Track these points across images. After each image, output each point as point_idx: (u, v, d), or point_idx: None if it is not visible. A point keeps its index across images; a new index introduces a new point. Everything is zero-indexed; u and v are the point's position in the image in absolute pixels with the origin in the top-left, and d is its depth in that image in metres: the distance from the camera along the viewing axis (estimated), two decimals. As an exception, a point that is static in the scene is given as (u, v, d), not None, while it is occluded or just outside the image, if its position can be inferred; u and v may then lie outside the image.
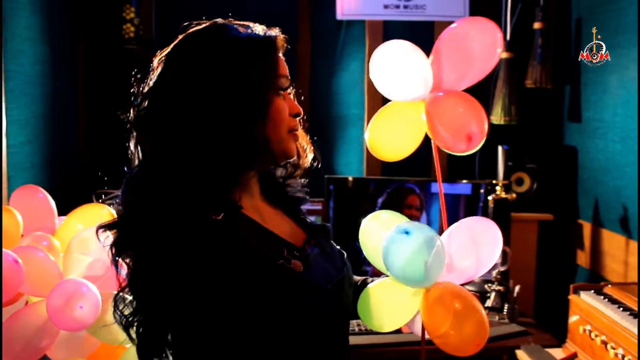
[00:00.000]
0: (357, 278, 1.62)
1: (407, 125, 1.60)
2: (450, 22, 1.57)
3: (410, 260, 1.35)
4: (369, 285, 1.51)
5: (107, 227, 1.33)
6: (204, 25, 1.37)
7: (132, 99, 1.37)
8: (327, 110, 3.66)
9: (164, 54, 1.36)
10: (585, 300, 2.54)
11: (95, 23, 3.41)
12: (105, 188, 3.05)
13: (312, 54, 3.65)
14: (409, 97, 1.56)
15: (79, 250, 1.84)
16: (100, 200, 2.90)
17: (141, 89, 1.36)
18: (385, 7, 3.50)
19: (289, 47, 1.43)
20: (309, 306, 1.30)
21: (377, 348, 2.66)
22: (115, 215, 2.02)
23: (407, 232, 1.35)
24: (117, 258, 1.31)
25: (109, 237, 1.32)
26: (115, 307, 1.35)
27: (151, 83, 1.34)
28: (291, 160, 1.45)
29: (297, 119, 1.42)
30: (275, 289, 1.25)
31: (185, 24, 1.38)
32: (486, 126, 1.51)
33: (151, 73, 1.36)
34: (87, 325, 1.74)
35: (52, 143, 3.08)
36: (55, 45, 3.10)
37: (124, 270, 1.34)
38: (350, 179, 3.33)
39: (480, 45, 1.50)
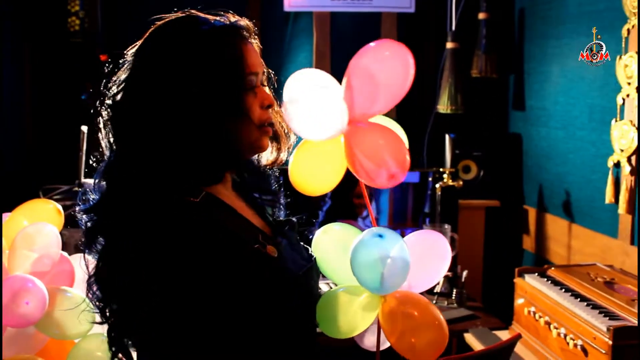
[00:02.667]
0: None
1: (329, 161, 1.53)
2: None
3: (381, 264, 1.35)
4: (327, 292, 1.49)
5: (84, 211, 1.34)
6: (173, 17, 1.37)
7: (103, 91, 1.38)
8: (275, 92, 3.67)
9: (135, 47, 1.37)
10: (529, 283, 2.60)
11: (39, 17, 3.36)
12: (51, 183, 3.04)
13: (261, 48, 3.65)
14: (327, 136, 1.48)
15: (24, 246, 1.82)
16: (47, 196, 2.88)
17: (113, 82, 1.37)
18: (332, -2, 3.53)
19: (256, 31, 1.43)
20: (283, 291, 1.32)
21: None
22: (62, 211, 2.01)
23: (381, 236, 1.36)
24: (88, 245, 1.33)
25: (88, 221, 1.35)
26: (89, 288, 1.34)
27: (122, 77, 1.35)
28: (263, 152, 1.45)
29: (269, 110, 1.40)
30: (252, 272, 1.27)
31: (155, 17, 1.38)
32: (407, 164, 1.46)
33: (123, 67, 1.36)
34: (34, 321, 1.73)
35: (-3, 138, 3.04)
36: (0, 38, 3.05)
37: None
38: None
39: (392, 70, 1.44)
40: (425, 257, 1.46)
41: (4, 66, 3.13)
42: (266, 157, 1.51)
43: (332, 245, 1.50)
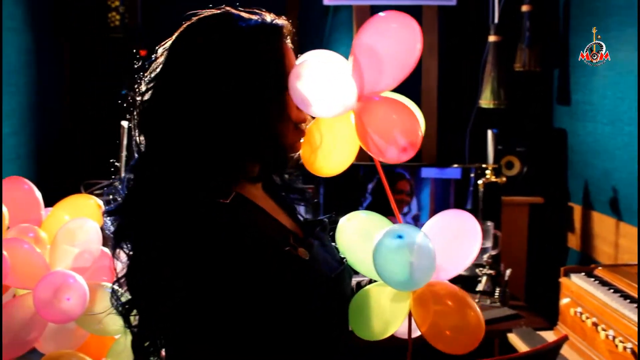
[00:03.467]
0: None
1: (340, 138, 1.47)
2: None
3: (403, 264, 1.30)
4: (356, 295, 1.44)
5: (112, 212, 1.32)
6: (208, 14, 1.35)
7: (135, 87, 1.35)
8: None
9: (168, 43, 1.34)
10: (575, 283, 2.54)
11: (80, 11, 3.38)
12: (93, 178, 3.05)
13: (300, 42, 3.62)
14: (336, 112, 1.42)
15: (65, 241, 1.82)
16: (88, 191, 2.89)
17: (145, 78, 1.34)
18: (373, -9, 3.48)
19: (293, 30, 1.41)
20: (314, 293, 1.29)
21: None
22: (103, 206, 2.01)
23: (400, 236, 1.30)
24: (117, 245, 1.31)
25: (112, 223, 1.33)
26: (113, 294, 1.34)
27: (154, 73, 1.33)
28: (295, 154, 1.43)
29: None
30: (282, 274, 1.25)
31: (190, 12, 1.35)
32: (420, 133, 1.40)
33: (154, 62, 1.34)
34: (75, 317, 1.73)
35: (39, 134, 3.06)
36: (39, 34, 3.07)
37: (119, 262, 1.33)
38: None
39: (399, 43, 1.39)
40: (454, 239, 1.39)
41: (44, 62, 3.15)
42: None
43: (356, 234, 1.43)
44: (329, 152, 1.47)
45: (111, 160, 2.92)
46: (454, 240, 1.40)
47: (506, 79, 3.42)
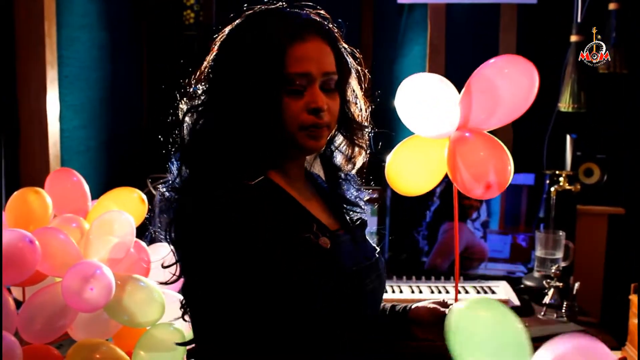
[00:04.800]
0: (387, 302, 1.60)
1: (429, 162, 1.54)
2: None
3: None
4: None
5: (167, 189, 1.40)
6: (248, 13, 1.41)
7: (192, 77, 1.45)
8: (389, 99, 3.58)
9: (220, 37, 1.43)
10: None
11: (155, 8, 3.46)
12: (160, 173, 3.12)
13: (374, 40, 3.57)
14: (434, 134, 1.50)
15: (100, 232, 1.86)
16: (153, 185, 2.95)
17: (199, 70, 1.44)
18: (449, -11, 3.38)
19: (342, 30, 1.43)
20: (328, 284, 1.29)
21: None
22: (145, 200, 2.05)
23: None
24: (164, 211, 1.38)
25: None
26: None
27: (204, 65, 1.43)
28: (319, 152, 1.48)
29: (320, 113, 1.36)
30: (294, 259, 1.26)
31: (245, 7, 1.42)
32: (508, 176, 1.44)
33: (208, 55, 1.44)
34: (99, 307, 1.76)
35: (109, 128, 3.15)
36: (114, 30, 3.16)
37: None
38: (409, 167, 3.24)
39: (515, 87, 1.42)
40: None
41: (119, 59, 3.25)
42: (340, 156, 1.52)
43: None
44: (414, 173, 1.55)
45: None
46: None
47: (588, 82, 3.23)
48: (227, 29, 1.42)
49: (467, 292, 2.90)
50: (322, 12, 1.43)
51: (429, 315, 1.49)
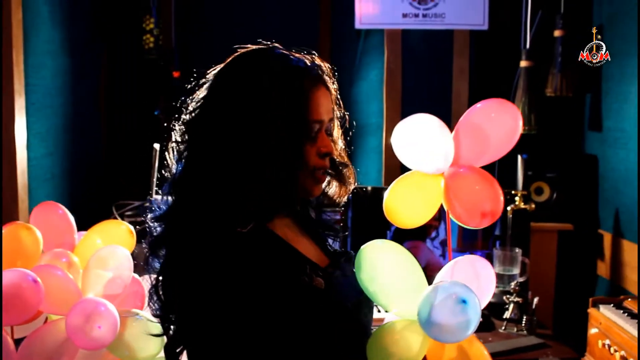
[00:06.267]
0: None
1: (425, 196, 1.63)
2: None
3: (466, 326, 1.32)
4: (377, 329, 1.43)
5: (154, 219, 1.38)
6: (253, 49, 1.39)
7: (179, 107, 1.41)
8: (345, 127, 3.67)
9: (215, 70, 1.40)
10: (604, 314, 2.52)
11: (115, 34, 3.45)
12: (124, 199, 3.10)
13: (332, 64, 3.65)
14: (429, 170, 1.61)
15: (97, 268, 1.86)
16: (119, 212, 2.94)
17: (191, 99, 1.40)
18: (404, 15, 3.49)
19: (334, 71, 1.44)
20: (329, 323, 1.31)
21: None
22: (134, 232, 2.05)
23: (464, 301, 1.30)
24: (153, 253, 1.37)
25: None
26: (151, 298, 1.38)
27: (200, 96, 1.39)
28: (318, 195, 1.45)
29: (326, 158, 1.40)
30: (295, 304, 1.27)
31: (238, 46, 1.41)
32: (501, 206, 1.55)
33: (200, 89, 1.40)
34: (106, 344, 1.76)
35: (72, 154, 3.12)
36: (76, 57, 3.14)
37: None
38: (367, 188, 3.32)
39: (501, 128, 1.55)
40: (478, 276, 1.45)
41: (80, 84, 3.22)
42: (329, 193, 1.51)
43: (388, 268, 1.39)
44: (411, 207, 1.63)
45: (142, 182, 2.98)
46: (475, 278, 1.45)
47: (537, 104, 3.41)
48: (219, 68, 1.39)
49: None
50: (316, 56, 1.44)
51: None
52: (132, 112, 3.47)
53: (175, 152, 1.41)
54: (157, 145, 2.97)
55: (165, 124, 1.48)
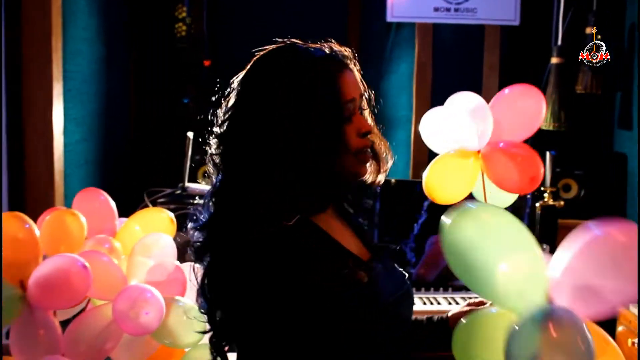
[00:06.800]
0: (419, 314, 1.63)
1: (464, 172, 1.75)
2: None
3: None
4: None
5: (198, 229, 1.39)
6: (272, 49, 1.40)
7: (215, 115, 1.41)
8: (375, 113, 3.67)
9: (239, 77, 1.40)
10: (633, 313, 2.52)
11: (148, 22, 3.46)
12: (156, 186, 3.13)
13: (361, 57, 3.65)
14: (470, 146, 1.80)
15: (142, 255, 1.88)
16: (150, 199, 2.96)
17: (221, 110, 1.40)
18: (436, 9, 3.49)
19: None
20: (371, 317, 1.32)
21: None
22: (175, 220, 2.07)
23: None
24: (198, 259, 1.38)
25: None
26: (198, 297, 1.40)
27: (229, 105, 1.39)
28: (364, 177, 1.45)
29: (367, 136, 1.40)
30: (340, 298, 1.28)
31: (257, 49, 1.40)
32: (542, 169, 1.80)
33: (230, 93, 1.40)
34: (152, 330, 1.78)
35: (105, 141, 3.14)
36: (110, 45, 3.16)
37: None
38: (393, 181, 3.32)
39: (530, 108, 1.83)
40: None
41: (114, 72, 3.24)
42: (365, 178, 1.50)
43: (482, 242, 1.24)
44: (452, 184, 1.78)
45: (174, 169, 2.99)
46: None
47: (567, 101, 3.40)
48: (243, 74, 1.39)
49: (457, 303, 3.00)
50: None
51: None
52: (162, 99, 3.48)
53: (212, 165, 1.41)
54: (190, 134, 2.99)
55: (196, 114, 1.48)
